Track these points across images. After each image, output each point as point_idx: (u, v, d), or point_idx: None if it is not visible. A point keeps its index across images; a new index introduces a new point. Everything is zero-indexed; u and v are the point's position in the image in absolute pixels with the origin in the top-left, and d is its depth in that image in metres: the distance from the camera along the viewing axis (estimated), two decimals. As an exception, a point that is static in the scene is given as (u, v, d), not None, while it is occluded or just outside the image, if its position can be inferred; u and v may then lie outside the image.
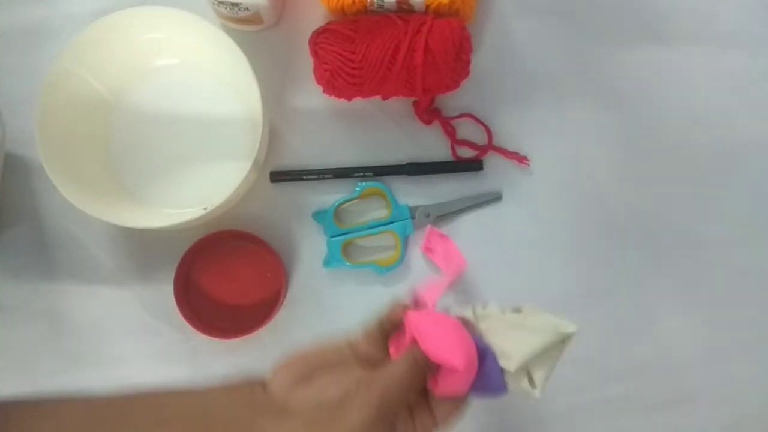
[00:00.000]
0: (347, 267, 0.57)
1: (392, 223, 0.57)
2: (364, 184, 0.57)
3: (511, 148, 0.58)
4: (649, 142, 0.59)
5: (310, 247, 0.57)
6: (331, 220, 0.57)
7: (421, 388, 0.40)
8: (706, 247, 0.58)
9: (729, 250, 0.58)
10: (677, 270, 0.58)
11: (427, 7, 0.53)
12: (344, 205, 0.58)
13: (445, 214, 0.57)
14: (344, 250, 0.57)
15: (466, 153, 0.58)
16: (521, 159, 0.58)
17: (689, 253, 0.58)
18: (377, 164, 0.58)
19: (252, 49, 0.50)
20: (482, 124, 0.58)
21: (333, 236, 0.57)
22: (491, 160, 0.58)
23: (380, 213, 0.58)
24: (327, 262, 0.57)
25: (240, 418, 0.38)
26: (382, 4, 0.53)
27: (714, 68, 0.59)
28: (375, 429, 0.37)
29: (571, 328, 0.39)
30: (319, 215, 0.57)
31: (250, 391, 0.39)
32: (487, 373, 0.40)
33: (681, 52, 0.59)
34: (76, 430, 0.38)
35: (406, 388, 0.38)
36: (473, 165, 0.58)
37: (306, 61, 0.55)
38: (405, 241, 0.57)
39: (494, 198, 0.58)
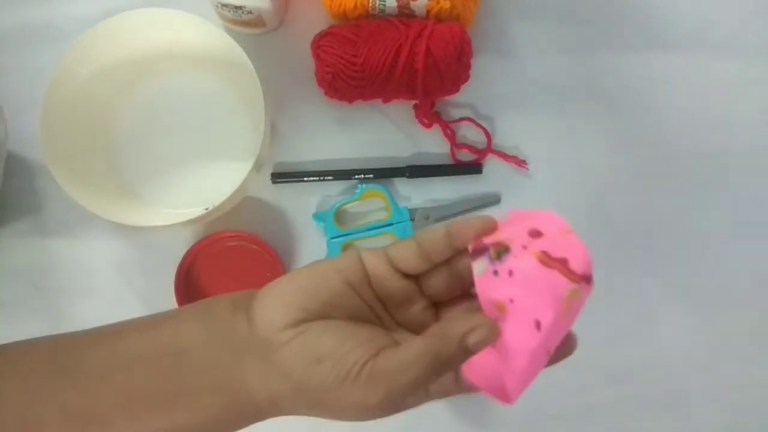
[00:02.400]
0: (347, 268, 0.57)
1: (392, 225, 0.58)
2: (364, 186, 0.58)
3: (510, 151, 0.58)
4: (646, 147, 0.59)
5: (310, 248, 0.58)
6: (332, 221, 0.57)
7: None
8: (704, 251, 0.59)
9: (727, 253, 0.59)
10: (675, 273, 0.59)
11: (429, 11, 0.54)
12: (345, 207, 0.58)
13: (444, 216, 0.58)
14: (344, 252, 0.57)
15: (466, 156, 0.59)
16: (520, 162, 0.58)
17: (687, 256, 0.59)
18: (378, 166, 0.58)
19: (255, 51, 0.51)
20: (482, 127, 0.58)
21: (333, 237, 0.57)
22: (490, 164, 0.59)
23: (380, 215, 0.59)
24: (327, 263, 0.57)
25: (218, 361, 0.32)
26: (383, 8, 0.54)
27: (709, 75, 0.60)
28: (372, 419, 0.32)
29: None
30: (319, 216, 0.57)
31: (231, 327, 0.33)
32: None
33: (677, 58, 0.60)
34: (36, 380, 0.33)
35: (420, 383, 0.31)
36: (472, 168, 0.58)
37: (308, 64, 0.56)
38: (404, 243, 0.58)
39: (493, 201, 0.58)
